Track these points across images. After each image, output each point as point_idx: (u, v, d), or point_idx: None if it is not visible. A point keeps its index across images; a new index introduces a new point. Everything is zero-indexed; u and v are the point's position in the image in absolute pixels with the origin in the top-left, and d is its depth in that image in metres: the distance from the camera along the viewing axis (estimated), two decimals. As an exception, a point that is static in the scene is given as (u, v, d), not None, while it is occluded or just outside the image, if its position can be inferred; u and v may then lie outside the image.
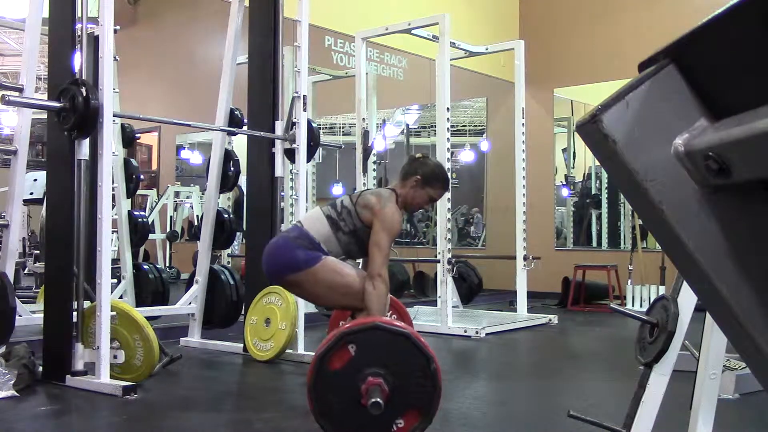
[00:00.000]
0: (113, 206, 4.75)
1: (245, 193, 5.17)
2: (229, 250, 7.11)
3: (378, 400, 2.36)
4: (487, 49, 6.92)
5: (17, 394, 3.31)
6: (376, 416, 2.40)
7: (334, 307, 3.52)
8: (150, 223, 7.43)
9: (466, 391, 3.72)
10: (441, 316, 5.62)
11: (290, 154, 4.60)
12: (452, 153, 5.89)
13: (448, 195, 5.62)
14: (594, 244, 8.89)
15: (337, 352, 2.44)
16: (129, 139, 5.51)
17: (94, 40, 3.83)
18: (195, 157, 10.73)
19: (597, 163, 8.23)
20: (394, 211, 3.12)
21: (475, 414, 3.21)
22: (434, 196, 3.29)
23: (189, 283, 4.93)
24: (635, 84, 0.68)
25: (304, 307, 4.39)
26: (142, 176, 6.21)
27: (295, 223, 3.31)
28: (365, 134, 6.18)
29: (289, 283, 3.14)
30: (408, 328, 2.61)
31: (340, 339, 2.45)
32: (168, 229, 9.80)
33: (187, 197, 10.13)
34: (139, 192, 8.89)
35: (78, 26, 3.66)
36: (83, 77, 3.56)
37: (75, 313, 3.57)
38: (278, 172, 4.60)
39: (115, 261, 5.19)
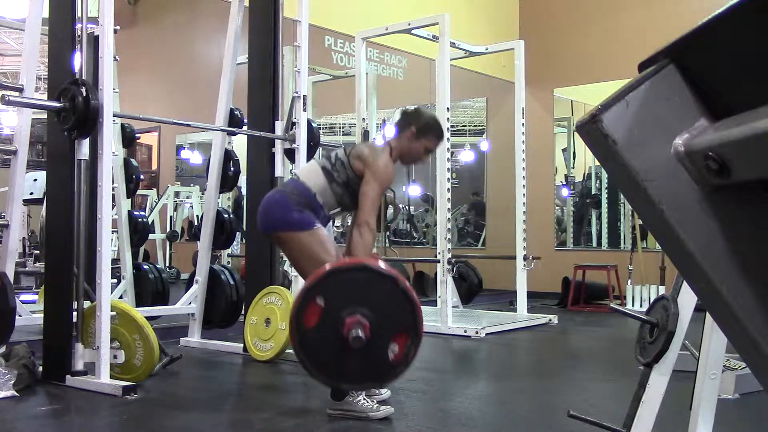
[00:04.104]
0: (113, 206, 4.75)
1: (245, 193, 5.17)
2: (229, 250, 7.11)
3: (358, 333, 2.36)
4: (487, 49, 6.92)
5: (17, 394, 3.31)
6: (370, 352, 2.40)
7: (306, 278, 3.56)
8: (150, 223, 7.43)
9: (466, 391, 3.72)
10: (441, 316, 5.62)
11: (290, 154, 4.60)
12: (452, 153, 5.89)
13: (448, 195, 5.64)
14: (594, 244, 8.89)
15: (307, 309, 2.44)
16: (129, 139, 5.50)
17: (94, 40, 3.83)
18: (195, 157, 10.74)
19: (597, 163, 8.23)
20: (387, 163, 3.14)
21: (475, 414, 3.21)
22: (430, 146, 3.29)
23: (189, 283, 4.93)
24: (635, 84, 0.68)
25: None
26: (142, 176, 6.21)
27: (291, 176, 3.31)
28: (365, 134, 6.18)
29: (278, 239, 3.18)
30: (363, 259, 2.61)
31: (305, 296, 2.45)
32: (168, 229, 9.80)
33: (187, 197, 10.13)
34: (139, 192, 8.90)
35: (78, 26, 3.66)
36: (83, 77, 3.56)
37: (75, 313, 3.57)
38: (278, 172, 4.60)
39: (115, 261, 5.19)
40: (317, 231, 3.08)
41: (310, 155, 4.72)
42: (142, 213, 6.05)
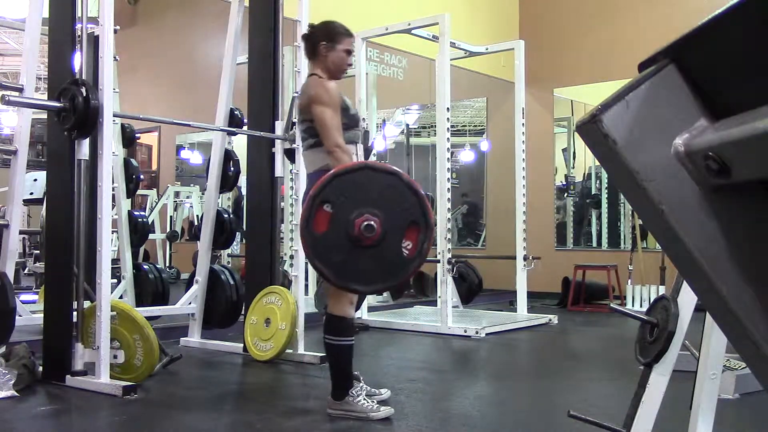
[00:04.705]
0: (113, 206, 4.75)
1: (245, 193, 5.17)
2: (229, 250, 7.11)
3: (370, 222, 2.36)
4: (487, 49, 6.92)
5: (17, 394, 3.31)
6: (385, 249, 2.40)
7: None
8: (150, 223, 7.43)
9: (466, 391, 3.72)
10: (441, 316, 5.62)
11: (290, 154, 4.61)
12: (452, 153, 5.89)
13: (448, 195, 5.64)
14: (594, 244, 8.89)
15: (315, 217, 2.44)
16: (129, 139, 5.51)
17: (94, 40, 3.83)
18: (195, 157, 10.73)
19: (597, 163, 8.23)
20: (322, 86, 3.08)
21: (475, 414, 3.21)
22: (348, 47, 3.25)
23: (189, 283, 4.93)
24: (635, 84, 0.68)
25: (305, 307, 4.39)
26: (142, 176, 6.21)
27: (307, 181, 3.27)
28: (365, 134, 6.15)
29: None
30: (362, 161, 2.58)
31: (312, 204, 2.45)
32: (168, 229, 9.80)
33: (187, 197, 10.13)
34: (139, 192, 8.89)
35: (78, 26, 3.66)
36: (83, 77, 3.56)
37: (75, 313, 3.58)
38: (278, 172, 4.60)
39: (115, 261, 5.19)
40: None
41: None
42: (142, 213, 6.05)
